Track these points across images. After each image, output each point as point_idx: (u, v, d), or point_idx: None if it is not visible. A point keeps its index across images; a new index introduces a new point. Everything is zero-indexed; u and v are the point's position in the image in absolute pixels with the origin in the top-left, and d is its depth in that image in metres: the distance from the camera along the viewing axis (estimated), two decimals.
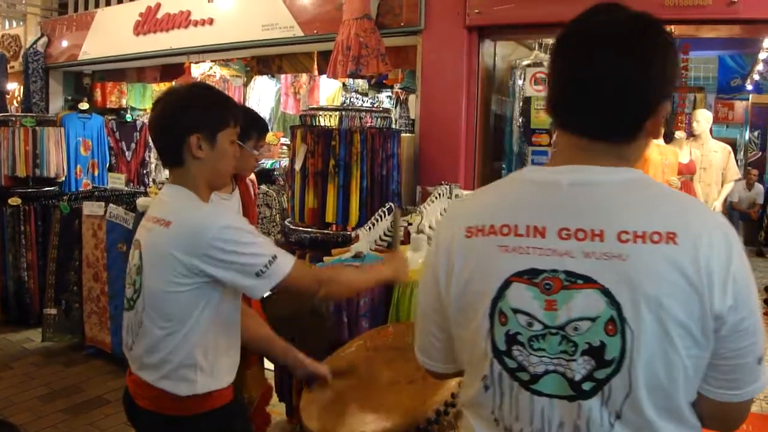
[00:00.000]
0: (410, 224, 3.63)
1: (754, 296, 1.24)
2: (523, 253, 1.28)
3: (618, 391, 1.21)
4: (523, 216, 1.31)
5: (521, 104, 4.90)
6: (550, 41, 5.11)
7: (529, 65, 4.95)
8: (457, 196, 4.00)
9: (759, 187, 11.30)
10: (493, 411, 1.35)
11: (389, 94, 10.02)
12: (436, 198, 3.87)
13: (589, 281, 1.22)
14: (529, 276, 1.27)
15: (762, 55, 9.78)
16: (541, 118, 4.73)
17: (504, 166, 5.11)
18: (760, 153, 13.24)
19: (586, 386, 1.23)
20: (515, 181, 1.42)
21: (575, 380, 1.24)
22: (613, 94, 1.27)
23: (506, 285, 1.29)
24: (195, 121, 2.23)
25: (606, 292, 1.20)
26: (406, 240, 3.57)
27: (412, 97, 7.98)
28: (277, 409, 4.25)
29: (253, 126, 3.35)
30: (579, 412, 1.24)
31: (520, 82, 4.98)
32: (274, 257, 2.14)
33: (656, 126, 1.32)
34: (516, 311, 1.28)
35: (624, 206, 1.25)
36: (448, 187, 3.98)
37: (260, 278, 2.12)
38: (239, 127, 2.37)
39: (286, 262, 2.17)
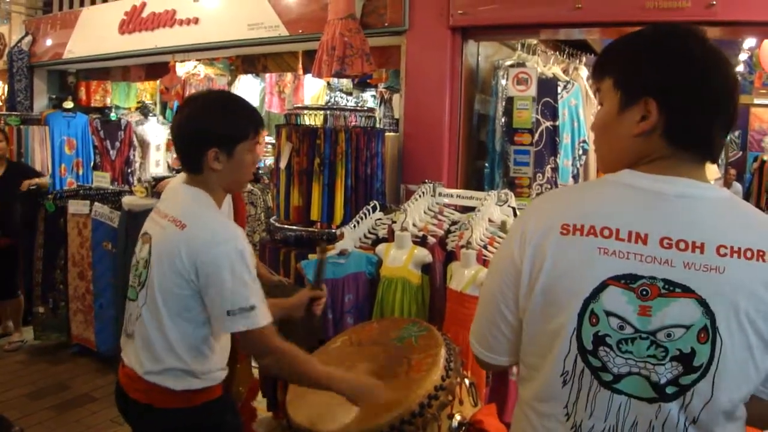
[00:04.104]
0: (394, 222, 3.68)
1: None
2: (623, 257, 1.32)
3: (700, 397, 1.28)
4: (626, 221, 1.34)
5: (504, 104, 4.94)
6: (533, 41, 5.19)
7: (512, 65, 4.99)
8: (440, 194, 4.05)
9: (737, 186, 11.38)
10: (566, 405, 1.39)
11: (373, 93, 10.07)
12: (419, 196, 3.91)
13: (687, 291, 1.28)
14: (626, 281, 1.31)
15: (742, 57, 9.88)
16: (523, 117, 4.78)
17: (487, 164, 5.15)
18: (741, 153, 13.36)
19: (669, 390, 1.29)
20: (613, 184, 1.43)
21: (660, 383, 1.29)
22: (732, 116, 1.38)
23: (602, 287, 1.33)
24: (213, 134, 2.26)
25: (702, 303, 1.26)
26: (390, 237, 3.62)
27: (396, 97, 8.02)
28: (261, 405, 4.29)
29: None
30: (658, 413, 1.30)
31: (503, 81, 5.03)
32: (252, 307, 2.14)
33: None
34: (609, 314, 1.32)
35: (721, 222, 1.31)
36: (431, 185, 4.03)
37: (228, 317, 2.13)
38: (260, 135, 2.39)
39: (261, 318, 2.16)
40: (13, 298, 6.21)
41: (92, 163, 8.28)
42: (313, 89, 9.32)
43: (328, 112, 4.57)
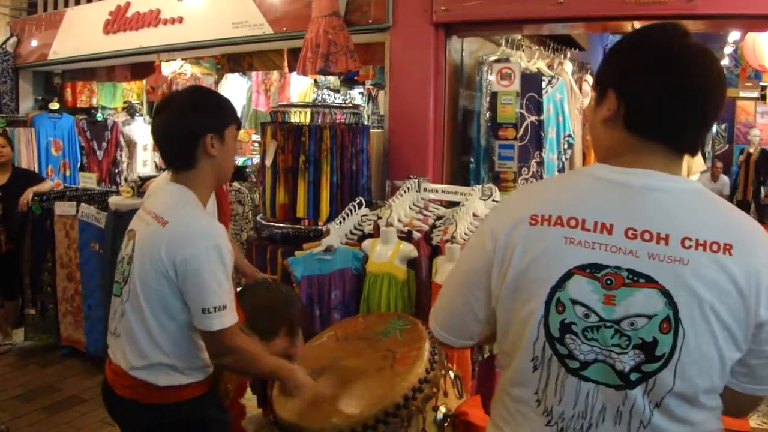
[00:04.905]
0: (380, 218, 3.70)
1: None
2: (588, 247, 1.35)
3: (662, 384, 1.30)
4: (592, 211, 1.37)
5: (488, 99, 4.97)
6: (517, 37, 5.22)
7: (495, 61, 5.02)
8: (425, 189, 4.07)
9: (724, 179, 11.46)
10: (537, 391, 1.42)
11: (361, 90, 10.08)
12: (404, 192, 3.93)
13: (650, 281, 1.30)
14: (591, 270, 1.34)
15: (727, 50, 9.94)
16: (506, 112, 4.81)
17: (472, 159, 5.18)
18: (727, 146, 13.47)
19: (633, 376, 1.31)
20: (582, 176, 1.48)
21: (624, 371, 1.32)
22: (706, 109, 1.37)
23: (568, 276, 1.35)
24: (207, 121, 2.32)
25: (665, 293, 1.29)
26: (376, 233, 3.64)
27: (382, 93, 8.03)
28: (252, 403, 4.30)
29: None
30: (625, 399, 1.33)
31: (487, 77, 5.06)
32: (224, 307, 2.19)
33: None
34: (574, 302, 1.35)
35: (688, 214, 1.33)
36: (416, 181, 4.05)
37: (204, 315, 2.17)
38: (237, 123, 2.47)
39: (229, 317, 2.21)
40: (15, 300, 6.21)
41: (79, 164, 8.26)
42: (300, 87, 9.33)
43: (313, 109, 4.57)
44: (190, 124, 2.32)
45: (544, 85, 5.32)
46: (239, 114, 9.29)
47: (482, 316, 1.55)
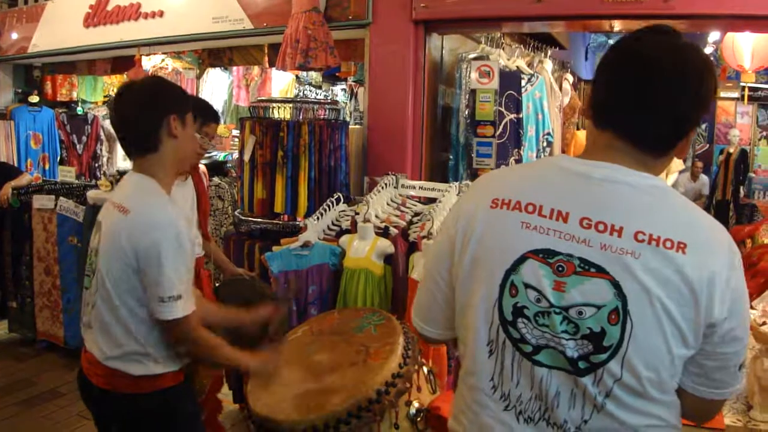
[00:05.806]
0: (357, 213, 3.71)
1: (746, 309, 1.37)
2: (543, 233, 1.37)
3: (609, 375, 1.32)
4: (550, 199, 1.39)
5: (467, 96, 4.99)
6: (497, 35, 5.24)
7: (475, 58, 5.04)
8: (403, 185, 4.09)
9: (704, 178, 11.51)
10: (493, 377, 1.44)
11: (343, 86, 10.07)
12: (382, 188, 3.95)
13: (601, 271, 1.32)
14: (544, 255, 1.36)
15: (707, 50, 10.02)
16: (485, 110, 4.82)
17: (451, 156, 5.20)
18: (707, 145, 13.56)
19: (581, 365, 1.33)
20: (547, 165, 1.51)
21: (573, 358, 1.34)
22: (664, 106, 1.37)
23: (522, 260, 1.38)
24: (169, 103, 2.37)
25: (615, 284, 1.31)
26: (353, 229, 3.65)
27: (362, 90, 8.04)
28: (228, 398, 4.30)
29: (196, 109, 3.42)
30: (577, 383, 1.35)
31: (470, 74, 5.07)
32: (179, 297, 2.20)
33: (684, 147, 1.44)
34: (527, 286, 1.37)
35: (644, 209, 1.35)
36: (394, 177, 4.07)
37: (160, 303, 2.19)
38: (195, 113, 2.53)
39: (182, 308, 2.22)
40: None
41: (59, 158, 8.21)
42: (282, 83, 9.32)
43: (292, 104, 4.57)
44: (154, 106, 2.35)
45: (523, 83, 5.35)
46: (220, 109, 9.37)
47: (447, 301, 1.57)
